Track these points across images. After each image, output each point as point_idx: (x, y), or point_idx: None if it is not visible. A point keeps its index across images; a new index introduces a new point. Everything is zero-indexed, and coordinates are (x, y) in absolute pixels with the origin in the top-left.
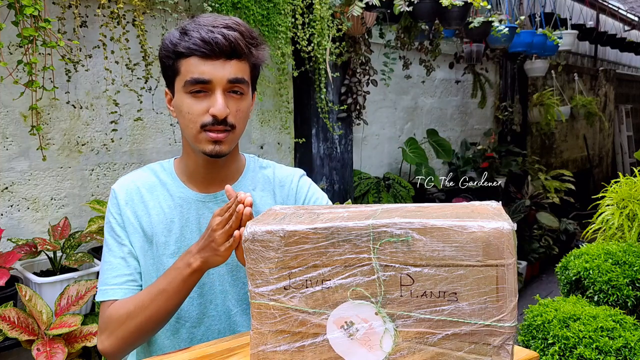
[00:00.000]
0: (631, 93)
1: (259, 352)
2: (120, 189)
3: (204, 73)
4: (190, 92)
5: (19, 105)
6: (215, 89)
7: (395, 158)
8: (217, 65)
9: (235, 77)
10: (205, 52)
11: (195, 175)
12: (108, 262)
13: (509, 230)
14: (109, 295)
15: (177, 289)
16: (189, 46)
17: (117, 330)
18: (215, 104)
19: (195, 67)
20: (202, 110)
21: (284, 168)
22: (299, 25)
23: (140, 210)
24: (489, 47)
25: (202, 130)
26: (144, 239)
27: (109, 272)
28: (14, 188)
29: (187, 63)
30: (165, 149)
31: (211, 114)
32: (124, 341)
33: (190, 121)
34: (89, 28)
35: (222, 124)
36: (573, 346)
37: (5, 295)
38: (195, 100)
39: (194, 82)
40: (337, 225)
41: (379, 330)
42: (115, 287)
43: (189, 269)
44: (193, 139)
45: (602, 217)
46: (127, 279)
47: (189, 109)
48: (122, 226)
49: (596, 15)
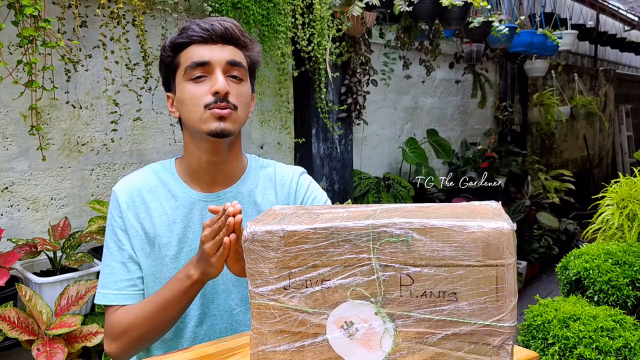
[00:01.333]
0: (631, 93)
1: (258, 352)
2: (121, 191)
3: (203, 55)
4: (191, 78)
5: (19, 105)
6: (215, 69)
7: (395, 158)
8: (215, 49)
9: (233, 59)
10: (203, 36)
11: (197, 175)
12: (109, 266)
13: (509, 230)
14: (111, 300)
15: (179, 300)
16: (188, 35)
17: (122, 337)
18: (216, 82)
19: (194, 52)
20: (203, 92)
21: (285, 166)
22: (299, 25)
23: (142, 212)
24: (489, 47)
25: (206, 109)
26: (145, 241)
27: (109, 276)
28: (14, 188)
29: (187, 52)
30: (165, 149)
31: (213, 92)
32: (129, 346)
33: (193, 105)
34: (89, 28)
35: (225, 102)
36: (573, 346)
37: (5, 295)
38: (196, 84)
39: (194, 65)
40: (336, 225)
41: (378, 330)
42: (117, 292)
43: (189, 281)
44: (198, 121)
45: (602, 217)
46: (127, 284)
47: (191, 94)
48: (123, 229)
49: (596, 15)
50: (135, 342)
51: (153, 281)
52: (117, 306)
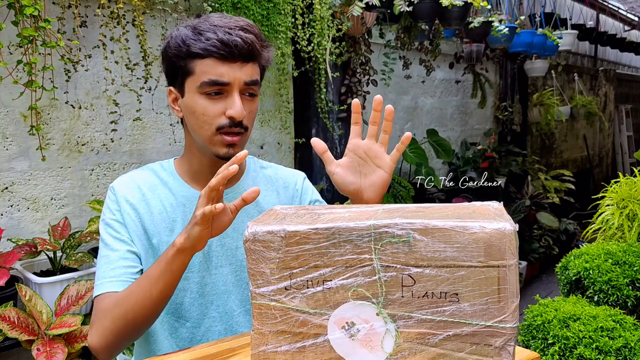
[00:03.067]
0: (631, 93)
1: (259, 353)
2: (120, 186)
3: (223, 75)
4: (205, 92)
5: (19, 105)
6: (233, 90)
7: None
8: (235, 68)
9: (251, 79)
10: (225, 54)
11: (199, 175)
12: (105, 257)
13: (511, 231)
14: (105, 287)
15: (162, 272)
16: (206, 47)
17: (104, 320)
18: (233, 105)
19: (212, 68)
20: (218, 111)
21: (285, 169)
22: (299, 25)
23: (142, 207)
24: (489, 47)
25: (218, 132)
26: (144, 236)
27: (105, 265)
28: (14, 188)
29: (203, 64)
30: (165, 149)
31: (229, 116)
32: (110, 333)
33: (205, 122)
34: (89, 28)
35: (238, 126)
36: (573, 346)
37: (5, 295)
38: (210, 101)
39: (212, 83)
40: (338, 226)
41: (380, 330)
42: (113, 279)
43: (172, 249)
44: (207, 140)
45: (602, 217)
46: (124, 271)
47: (203, 111)
48: (121, 222)
49: (596, 15)
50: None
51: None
52: (107, 293)
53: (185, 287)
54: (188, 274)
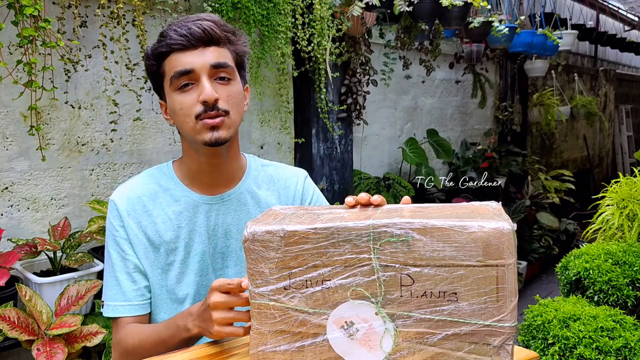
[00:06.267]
0: (631, 93)
1: (258, 352)
2: (121, 199)
3: (186, 64)
4: (178, 88)
5: (19, 105)
6: (200, 77)
7: (395, 158)
8: (196, 54)
9: (217, 61)
10: (183, 43)
11: (198, 177)
12: (114, 278)
13: (509, 230)
14: (120, 312)
15: (178, 345)
16: (167, 44)
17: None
18: (203, 90)
19: (176, 61)
20: (192, 101)
21: (287, 167)
22: (299, 25)
23: (145, 220)
24: (489, 47)
25: (197, 120)
26: (150, 249)
27: (116, 288)
28: (14, 188)
29: (169, 61)
30: (165, 149)
31: (201, 101)
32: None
33: (185, 115)
34: (89, 28)
35: (215, 110)
36: (573, 346)
37: (5, 295)
38: (184, 94)
39: (179, 74)
40: (337, 226)
41: (379, 330)
42: (125, 304)
43: (187, 334)
44: (191, 132)
45: (602, 217)
46: (135, 295)
47: (180, 105)
48: (126, 239)
49: (596, 15)
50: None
51: (159, 289)
52: (127, 318)
53: (190, 289)
54: (193, 276)
